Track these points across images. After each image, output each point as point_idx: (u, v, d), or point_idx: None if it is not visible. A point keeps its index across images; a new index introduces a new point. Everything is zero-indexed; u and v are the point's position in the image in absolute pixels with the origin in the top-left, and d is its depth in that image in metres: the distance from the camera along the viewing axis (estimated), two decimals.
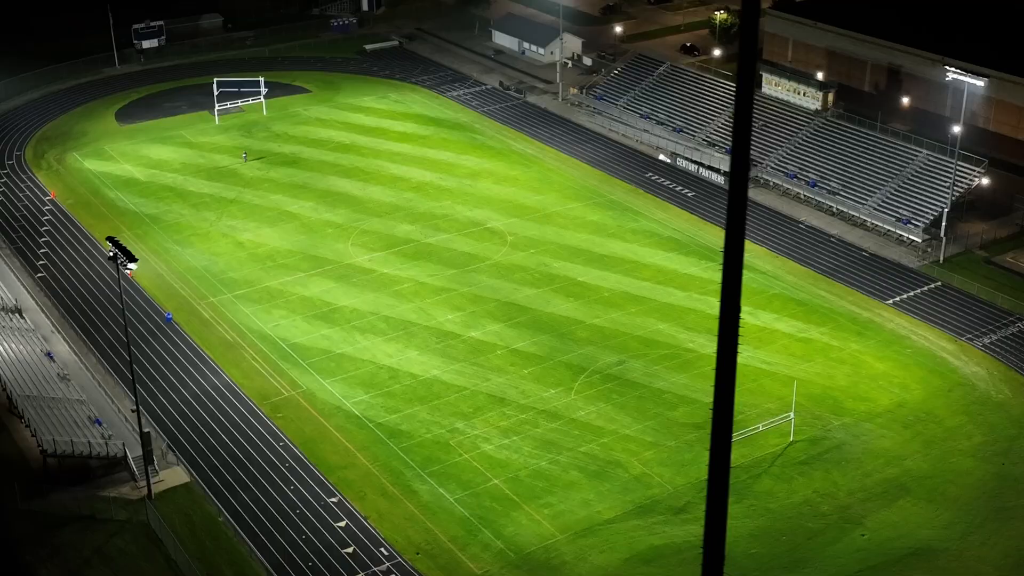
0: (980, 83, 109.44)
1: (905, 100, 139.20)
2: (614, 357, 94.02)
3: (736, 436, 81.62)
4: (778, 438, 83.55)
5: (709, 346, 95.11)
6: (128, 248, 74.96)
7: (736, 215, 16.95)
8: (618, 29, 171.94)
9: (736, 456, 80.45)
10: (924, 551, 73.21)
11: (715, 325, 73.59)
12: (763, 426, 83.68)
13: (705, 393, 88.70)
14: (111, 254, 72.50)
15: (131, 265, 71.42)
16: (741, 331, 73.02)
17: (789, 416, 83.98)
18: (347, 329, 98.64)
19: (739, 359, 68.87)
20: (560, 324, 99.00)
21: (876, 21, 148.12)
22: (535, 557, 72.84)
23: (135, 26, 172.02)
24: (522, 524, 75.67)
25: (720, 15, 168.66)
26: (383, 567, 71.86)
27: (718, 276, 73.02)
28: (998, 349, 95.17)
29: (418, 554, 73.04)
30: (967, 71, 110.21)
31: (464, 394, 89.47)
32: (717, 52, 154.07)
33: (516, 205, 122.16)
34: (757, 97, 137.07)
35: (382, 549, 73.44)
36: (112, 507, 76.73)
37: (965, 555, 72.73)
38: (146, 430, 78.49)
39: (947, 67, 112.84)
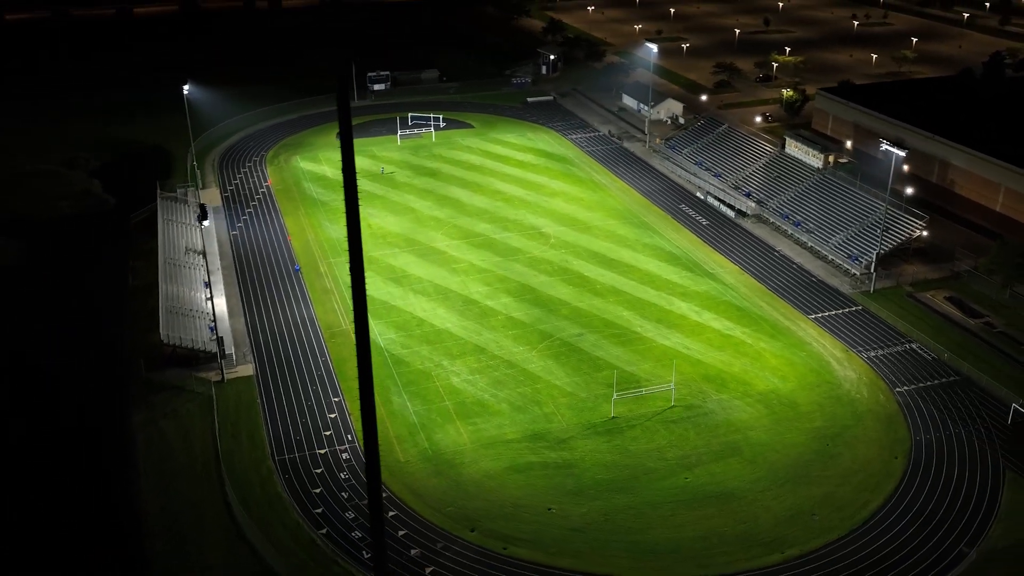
0: (902, 153, 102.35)
1: (906, 167, 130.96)
2: (577, 330, 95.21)
3: (627, 394, 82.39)
4: (663, 401, 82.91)
5: (652, 331, 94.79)
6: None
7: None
8: (704, 98, 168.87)
9: (624, 410, 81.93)
10: (725, 495, 71.70)
11: (665, 317, 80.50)
12: (645, 390, 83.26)
13: (628, 363, 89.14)
14: (197, 213, 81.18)
15: (205, 222, 79.83)
16: (682, 323, 75.64)
17: (670, 386, 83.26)
18: (406, 289, 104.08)
19: (667, 343, 72.62)
20: (552, 303, 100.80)
21: (897, 105, 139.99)
22: (443, 456, 76.25)
23: (369, 73, 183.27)
24: (448, 433, 79.10)
25: (786, 92, 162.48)
26: (343, 447, 77.26)
27: (689, 283, 79.65)
28: (877, 361, 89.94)
29: None
30: (895, 144, 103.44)
31: (459, 342, 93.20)
32: (758, 119, 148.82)
33: (570, 218, 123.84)
34: (781, 155, 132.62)
35: (348, 435, 78.74)
36: (196, 384, 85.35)
37: (755, 504, 70.78)
38: (220, 335, 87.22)
39: (882, 140, 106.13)
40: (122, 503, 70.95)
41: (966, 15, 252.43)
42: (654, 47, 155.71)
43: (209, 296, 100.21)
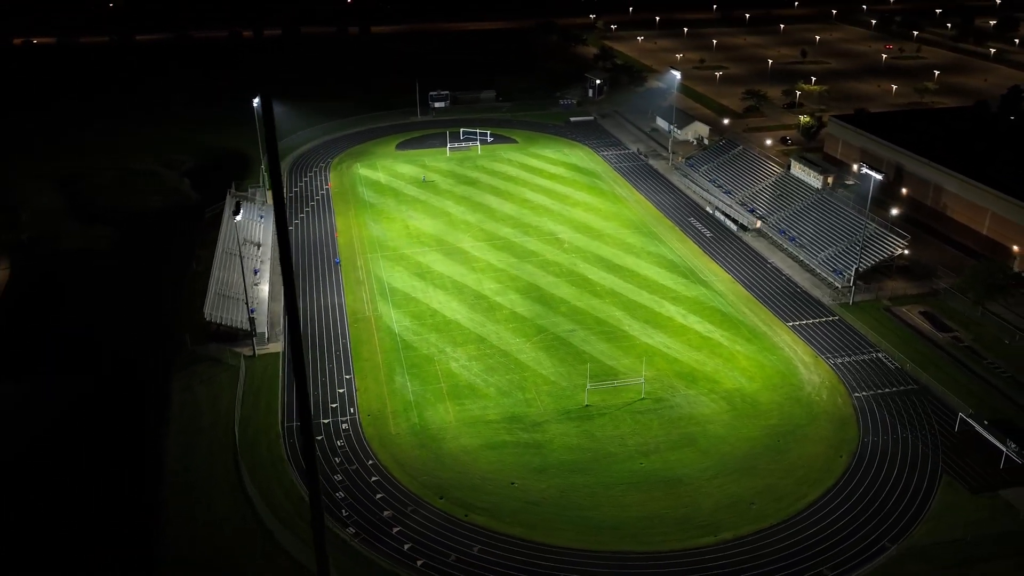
0: (879, 176, 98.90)
1: (904, 190, 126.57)
2: (570, 326, 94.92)
3: (600, 385, 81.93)
4: (635, 394, 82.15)
5: (638, 330, 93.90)
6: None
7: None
8: (726, 122, 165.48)
9: (598, 399, 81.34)
10: (673, 480, 70.75)
11: (653, 318, 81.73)
12: (617, 382, 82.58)
13: (610, 358, 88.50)
14: (233, 209, 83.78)
15: (236, 217, 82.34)
16: (667, 324, 75.95)
17: (640, 380, 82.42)
18: (428, 284, 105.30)
19: (649, 341, 73.02)
20: (553, 301, 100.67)
21: (902, 132, 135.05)
22: (429, 431, 77.15)
23: (430, 92, 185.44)
24: (438, 412, 79.95)
25: (803, 118, 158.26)
26: (344, 418, 78.88)
27: (682, 288, 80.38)
28: (842, 368, 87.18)
29: (368, 415, 79.49)
30: (874, 169, 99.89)
31: (464, 332, 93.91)
32: (768, 142, 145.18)
33: (586, 226, 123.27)
34: (786, 176, 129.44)
35: (352, 409, 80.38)
36: (230, 357, 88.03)
37: (700, 490, 69.66)
38: (253, 316, 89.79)
39: (862, 163, 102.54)
40: (150, 453, 74.00)
41: (992, 50, 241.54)
42: (678, 74, 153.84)
43: (257, 282, 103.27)
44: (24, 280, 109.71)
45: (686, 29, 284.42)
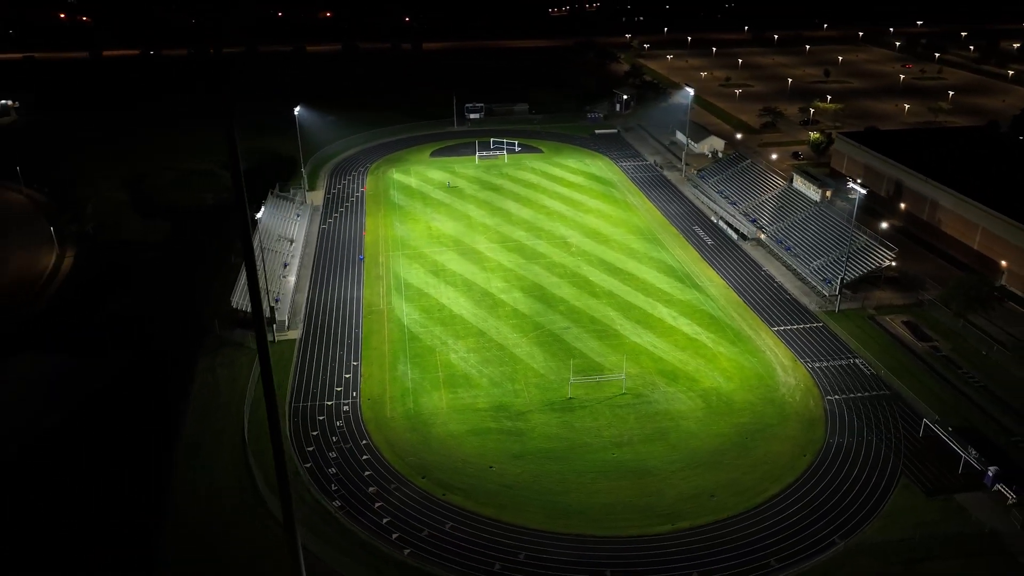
0: (864, 192, 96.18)
1: (903, 205, 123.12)
2: (566, 323, 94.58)
3: (583, 380, 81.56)
4: (616, 388, 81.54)
5: (629, 329, 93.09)
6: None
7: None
8: (739, 136, 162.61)
9: (582, 393, 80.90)
10: (642, 471, 70.06)
11: (645, 319, 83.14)
12: (599, 378, 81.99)
13: (599, 354, 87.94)
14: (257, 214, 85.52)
15: (258, 215, 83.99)
16: (658, 325, 76.70)
17: (621, 376, 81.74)
18: (440, 280, 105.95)
19: (637, 340, 73.87)
20: (553, 300, 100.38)
21: (906, 150, 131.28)
22: (421, 416, 77.72)
23: (466, 104, 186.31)
24: (432, 398, 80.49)
25: (813, 135, 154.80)
26: (346, 401, 79.94)
27: (676, 292, 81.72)
28: (819, 372, 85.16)
29: (369, 399, 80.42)
30: (860, 184, 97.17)
31: (466, 326, 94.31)
32: (774, 156, 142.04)
33: (595, 231, 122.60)
34: (790, 190, 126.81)
35: (354, 393, 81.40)
36: (251, 342, 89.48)
37: (665, 481, 68.86)
38: (272, 305, 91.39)
39: (849, 178, 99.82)
40: (169, 424, 76.10)
41: (1010, 72, 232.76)
42: (691, 90, 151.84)
43: (284, 275, 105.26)
44: (86, 267, 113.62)
45: (715, 49, 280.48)
